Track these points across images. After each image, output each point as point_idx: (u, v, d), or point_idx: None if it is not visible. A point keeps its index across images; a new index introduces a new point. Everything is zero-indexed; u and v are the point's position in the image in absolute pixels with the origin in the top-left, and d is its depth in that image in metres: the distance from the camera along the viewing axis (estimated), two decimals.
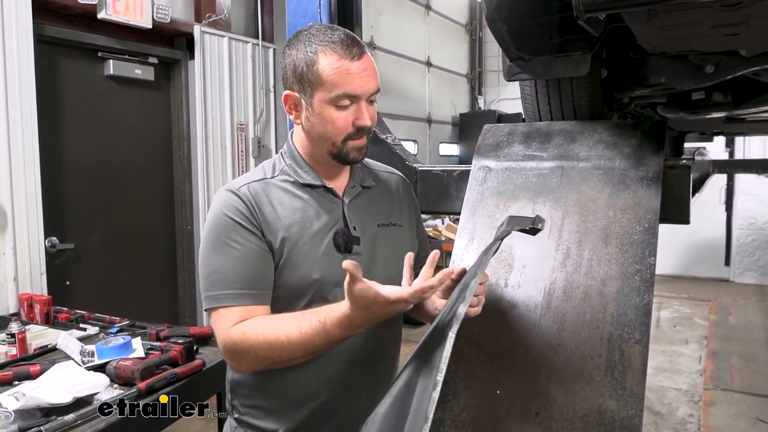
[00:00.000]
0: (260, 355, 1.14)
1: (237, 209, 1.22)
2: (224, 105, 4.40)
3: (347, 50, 1.19)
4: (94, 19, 3.44)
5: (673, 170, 1.59)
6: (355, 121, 1.22)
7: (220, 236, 1.21)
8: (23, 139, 3.03)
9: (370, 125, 1.24)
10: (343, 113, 1.21)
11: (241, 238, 1.20)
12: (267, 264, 1.22)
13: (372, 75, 1.22)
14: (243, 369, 1.23)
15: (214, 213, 1.24)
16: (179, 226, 4.27)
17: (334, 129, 1.22)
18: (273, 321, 1.17)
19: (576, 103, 1.84)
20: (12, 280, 2.99)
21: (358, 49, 1.20)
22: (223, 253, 1.20)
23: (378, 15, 6.81)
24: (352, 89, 1.19)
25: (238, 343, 1.15)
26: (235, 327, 1.16)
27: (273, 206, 1.25)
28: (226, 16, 4.39)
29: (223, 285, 1.19)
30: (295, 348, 1.11)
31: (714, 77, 1.71)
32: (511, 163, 1.71)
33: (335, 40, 1.20)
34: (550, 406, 1.30)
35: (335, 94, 1.19)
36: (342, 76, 1.18)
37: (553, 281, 1.43)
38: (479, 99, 9.64)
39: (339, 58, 1.18)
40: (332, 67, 1.18)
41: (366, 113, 1.22)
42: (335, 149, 1.25)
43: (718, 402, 4.08)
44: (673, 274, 7.84)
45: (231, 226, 1.21)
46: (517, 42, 1.55)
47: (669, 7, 1.20)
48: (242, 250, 1.20)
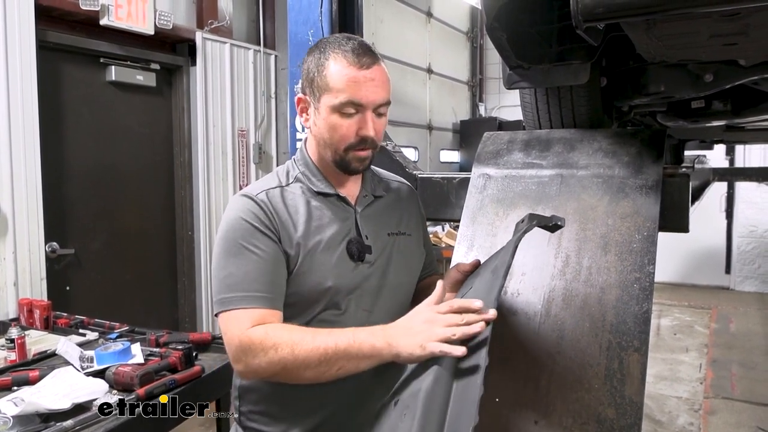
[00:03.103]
0: (279, 354, 1.09)
1: (255, 214, 1.22)
2: (225, 111, 4.41)
3: (357, 58, 1.20)
4: (96, 26, 3.45)
5: (672, 178, 1.60)
6: (358, 131, 1.22)
7: (237, 240, 1.20)
8: (25, 144, 3.04)
9: (372, 136, 1.23)
10: (347, 121, 1.21)
11: (258, 242, 1.19)
12: (282, 270, 1.21)
13: (381, 86, 1.22)
14: (250, 373, 1.16)
15: (231, 217, 1.23)
16: (179, 232, 4.27)
17: (337, 136, 1.22)
18: (296, 328, 1.15)
19: (575, 112, 1.84)
20: (12, 284, 2.99)
21: (369, 58, 1.21)
22: (239, 257, 1.19)
23: (379, 22, 6.83)
24: (357, 97, 1.19)
25: (257, 342, 1.10)
26: (256, 327, 1.13)
27: (289, 213, 1.25)
28: (227, 22, 4.40)
29: (240, 288, 1.17)
30: (311, 354, 1.07)
31: (713, 86, 1.71)
32: (510, 170, 1.72)
33: (348, 48, 1.21)
34: (549, 414, 1.30)
35: (340, 101, 1.19)
36: (348, 84, 1.19)
37: (552, 289, 1.43)
38: (480, 106, 9.66)
39: (347, 65, 1.19)
40: (340, 73, 1.19)
41: (370, 124, 1.22)
42: (337, 157, 1.25)
43: (719, 410, 4.07)
44: (673, 281, 7.83)
45: (249, 231, 1.20)
46: (516, 50, 1.56)
47: (668, 17, 1.21)
48: (261, 254, 1.19)
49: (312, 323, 1.24)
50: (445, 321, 1.02)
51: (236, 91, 4.50)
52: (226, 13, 4.41)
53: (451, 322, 1.01)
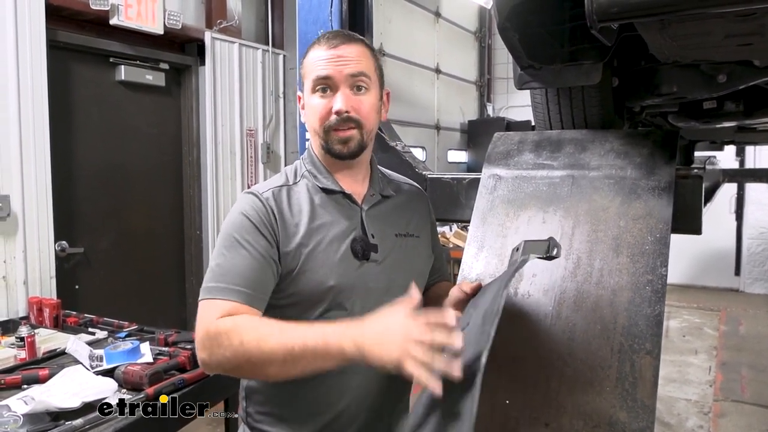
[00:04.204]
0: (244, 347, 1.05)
1: (256, 212, 1.22)
2: (234, 111, 4.42)
3: (327, 42, 1.26)
4: (106, 25, 3.46)
5: (685, 180, 1.59)
6: (332, 108, 1.23)
7: (233, 234, 1.21)
8: (35, 143, 3.05)
9: (344, 110, 1.22)
10: (323, 101, 1.24)
11: (252, 239, 1.20)
12: (270, 272, 1.20)
13: (351, 60, 1.24)
14: (213, 363, 1.10)
15: (233, 213, 1.25)
16: (188, 231, 4.28)
17: (314, 116, 1.26)
18: (265, 322, 1.11)
19: (587, 112, 1.83)
20: (22, 283, 3.01)
21: (339, 39, 1.25)
22: (231, 250, 1.20)
23: (388, 22, 6.83)
24: (323, 73, 1.23)
25: (223, 332, 1.07)
26: (225, 318, 1.10)
27: (293, 212, 1.25)
28: (236, 22, 4.41)
29: (223, 279, 1.16)
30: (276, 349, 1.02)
31: (726, 87, 1.70)
32: (521, 171, 1.71)
33: (324, 37, 1.27)
34: (560, 416, 1.29)
35: (311, 80, 1.25)
36: (316, 63, 1.24)
37: (563, 291, 1.42)
38: (488, 106, 9.64)
39: (317, 48, 1.26)
40: (311, 57, 1.26)
41: (341, 97, 1.22)
42: (322, 141, 1.28)
43: (729, 413, 4.04)
44: (682, 283, 7.79)
45: (246, 227, 1.21)
46: (528, 50, 1.55)
47: (682, 17, 1.20)
48: (250, 251, 1.19)
49: None
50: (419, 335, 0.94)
51: (245, 90, 4.51)
52: (235, 12, 4.42)
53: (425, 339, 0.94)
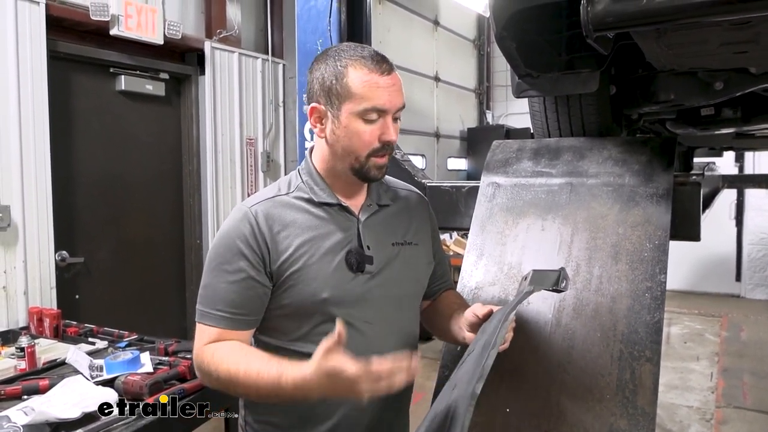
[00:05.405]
0: (220, 380, 1.18)
1: (243, 234, 1.23)
2: (234, 120, 4.43)
3: (377, 65, 1.21)
4: (106, 36, 3.48)
5: (683, 187, 1.59)
6: (381, 136, 1.22)
7: (220, 255, 1.25)
8: (35, 153, 3.06)
9: (395, 140, 1.25)
10: (369, 127, 1.22)
11: (236, 264, 1.22)
12: (254, 292, 1.24)
13: (399, 91, 1.24)
14: (205, 384, 1.27)
15: (224, 230, 1.26)
16: (188, 241, 4.28)
17: (360, 142, 1.23)
18: (241, 353, 1.19)
19: (585, 120, 1.84)
20: (22, 293, 3.01)
21: (387, 65, 1.22)
22: (217, 274, 1.24)
23: (386, 31, 6.85)
24: (380, 103, 1.20)
25: (205, 363, 1.20)
26: (208, 346, 1.21)
27: (284, 225, 1.25)
28: (236, 32, 4.43)
29: (207, 303, 1.24)
30: (248, 387, 1.14)
31: (723, 94, 1.71)
32: (520, 179, 1.72)
33: (365, 55, 1.22)
34: (561, 424, 1.29)
35: (363, 107, 1.20)
36: (371, 90, 1.20)
37: (562, 298, 1.43)
38: (487, 114, 9.65)
39: (369, 72, 1.20)
40: (362, 80, 1.20)
41: (392, 128, 1.23)
42: (358, 164, 1.25)
43: (731, 420, 4.03)
44: (683, 289, 7.77)
45: (232, 250, 1.23)
46: (525, 59, 1.56)
47: (678, 26, 1.21)
48: (234, 277, 1.22)
49: (311, 335, 1.23)
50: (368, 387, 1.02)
51: (244, 99, 4.52)
52: (235, 22, 4.44)
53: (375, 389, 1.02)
